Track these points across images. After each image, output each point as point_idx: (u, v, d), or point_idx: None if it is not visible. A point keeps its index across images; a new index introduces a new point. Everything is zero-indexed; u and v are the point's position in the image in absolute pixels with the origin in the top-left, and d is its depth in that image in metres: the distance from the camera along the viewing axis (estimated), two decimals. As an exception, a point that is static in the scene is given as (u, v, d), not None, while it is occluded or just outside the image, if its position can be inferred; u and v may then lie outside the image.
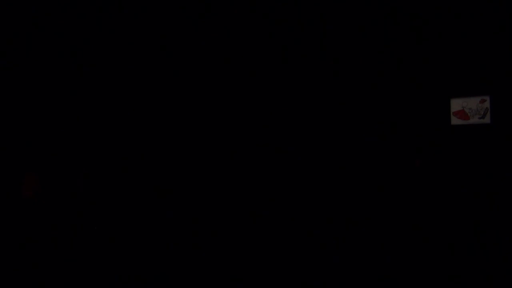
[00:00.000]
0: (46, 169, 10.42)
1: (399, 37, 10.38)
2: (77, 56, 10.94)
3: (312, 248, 7.48)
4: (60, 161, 10.71)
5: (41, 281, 5.61)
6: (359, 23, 10.25)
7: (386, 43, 10.51)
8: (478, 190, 9.90)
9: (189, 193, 10.84)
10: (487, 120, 10.04)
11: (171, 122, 11.36)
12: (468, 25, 9.72)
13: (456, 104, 10.36)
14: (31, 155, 10.43)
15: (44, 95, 10.85)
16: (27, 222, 9.14)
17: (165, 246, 7.71)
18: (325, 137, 10.98)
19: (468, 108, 10.25)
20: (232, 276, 5.76)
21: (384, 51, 10.58)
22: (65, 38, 10.69)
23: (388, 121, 10.76)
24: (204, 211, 10.42)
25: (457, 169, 10.00)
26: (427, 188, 10.09)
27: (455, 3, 9.47)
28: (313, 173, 10.87)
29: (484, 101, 10.11)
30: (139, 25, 10.72)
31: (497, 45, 9.68)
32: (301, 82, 11.05)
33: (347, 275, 5.83)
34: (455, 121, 10.35)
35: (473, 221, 9.89)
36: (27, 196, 9.77)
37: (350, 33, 10.44)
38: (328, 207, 10.46)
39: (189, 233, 8.95)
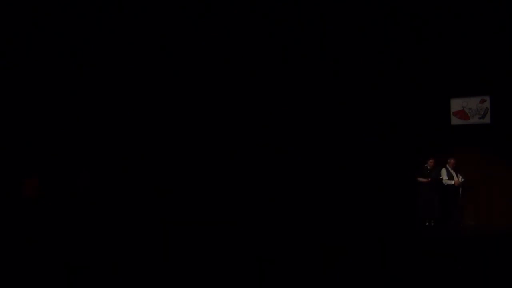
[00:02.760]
0: (46, 169, 10.42)
1: (399, 37, 10.37)
2: (77, 56, 10.93)
3: (312, 248, 7.47)
4: (60, 161, 10.70)
5: (41, 280, 5.61)
6: (359, 23, 10.24)
7: (386, 43, 10.51)
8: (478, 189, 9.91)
9: (189, 193, 10.84)
10: (487, 120, 10.04)
11: (171, 122, 11.35)
12: (468, 25, 9.71)
13: (456, 104, 10.37)
14: (32, 155, 10.43)
15: (44, 95, 10.85)
16: (27, 222, 9.14)
17: (165, 245, 7.72)
18: (325, 137, 10.97)
19: (468, 108, 10.25)
20: (232, 276, 5.76)
21: (384, 51, 10.57)
22: (65, 39, 10.69)
23: (388, 121, 10.75)
24: (204, 210, 10.42)
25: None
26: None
27: (455, 3, 9.46)
28: (313, 173, 10.86)
29: (484, 101, 10.11)
30: (139, 25, 10.71)
31: (497, 46, 9.68)
32: (301, 82, 11.05)
33: (346, 274, 5.83)
34: (455, 121, 10.35)
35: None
36: (28, 196, 9.78)
37: (350, 33, 10.43)
38: (328, 207, 10.45)
39: (188, 233, 8.95)
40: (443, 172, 9.84)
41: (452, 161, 9.79)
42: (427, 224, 10.01)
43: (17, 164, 10.27)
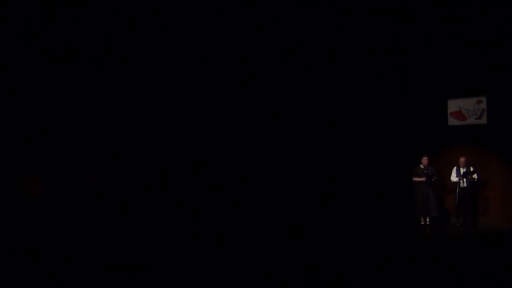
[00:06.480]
0: (48, 167, 10.39)
1: (397, 38, 10.42)
2: (77, 56, 10.93)
3: (312, 249, 7.50)
4: (62, 160, 10.68)
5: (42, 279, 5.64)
6: (358, 24, 10.27)
7: (383, 44, 10.56)
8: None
9: (189, 192, 10.83)
10: (483, 120, 10.11)
11: (170, 121, 11.34)
12: (465, 26, 9.77)
13: (453, 105, 10.44)
14: (33, 154, 10.40)
15: (44, 95, 10.84)
16: (30, 220, 9.13)
17: (165, 244, 7.73)
18: (323, 137, 10.99)
19: (465, 109, 10.32)
20: (231, 276, 5.78)
21: (382, 52, 10.62)
22: (65, 38, 10.69)
23: (386, 121, 10.80)
24: (203, 210, 10.43)
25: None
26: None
27: (454, 4, 9.51)
28: (312, 173, 10.89)
29: (480, 102, 10.18)
30: (139, 25, 10.72)
31: (493, 47, 9.75)
32: (301, 82, 11.08)
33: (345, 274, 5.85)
34: (452, 121, 10.42)
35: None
36: (30, 194, 9.75)
37: (349, 33, 10.47)
38: (325, 207, 10.47)
39: (188, 232, 8.97)
40: (453, 171, 9.92)
41: (461, 159, 9.82)
42: (422, 223, 10.08)
43: (19, 161, 10.24)
